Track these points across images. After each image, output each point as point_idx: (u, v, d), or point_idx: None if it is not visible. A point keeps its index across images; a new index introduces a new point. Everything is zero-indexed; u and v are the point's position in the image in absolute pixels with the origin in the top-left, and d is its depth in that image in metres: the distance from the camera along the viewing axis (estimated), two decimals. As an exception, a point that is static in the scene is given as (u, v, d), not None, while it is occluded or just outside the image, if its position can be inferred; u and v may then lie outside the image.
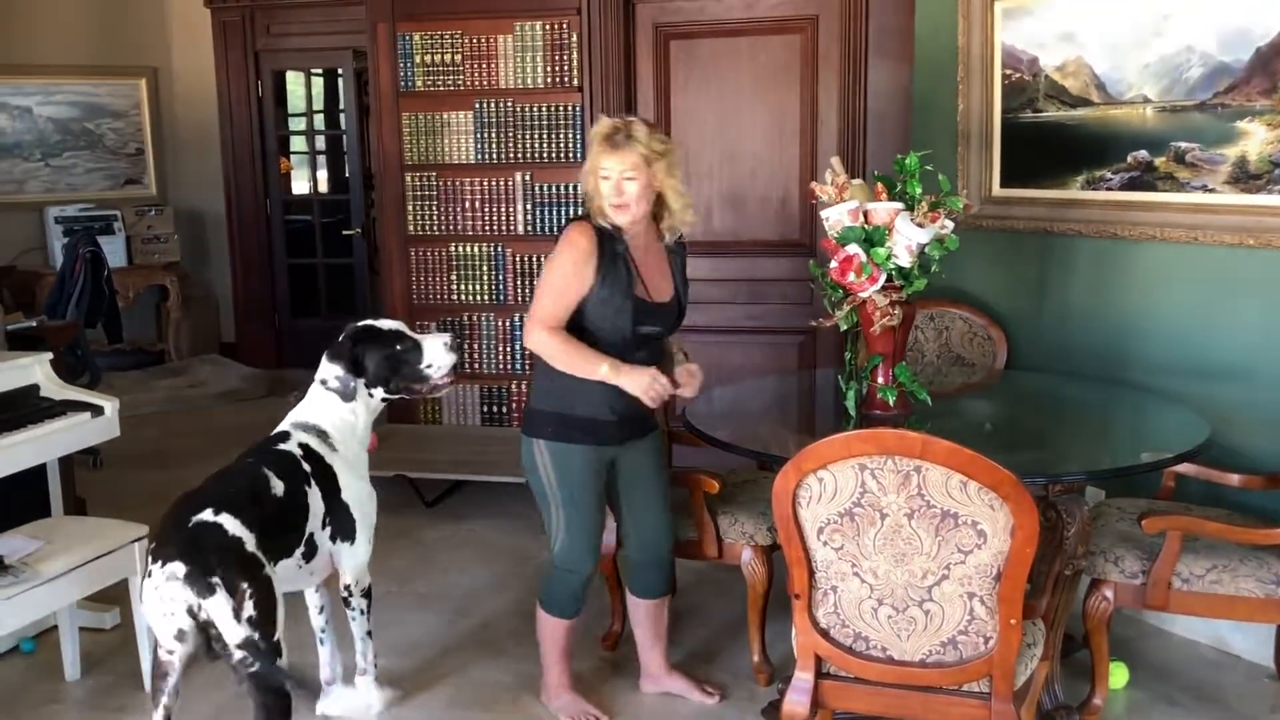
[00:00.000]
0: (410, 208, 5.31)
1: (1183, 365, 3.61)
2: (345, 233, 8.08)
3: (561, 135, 5.08)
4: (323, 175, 8.67)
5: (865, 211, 3.00)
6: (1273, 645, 3.21)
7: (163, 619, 2.50)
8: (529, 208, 5.19)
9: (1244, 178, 3.41)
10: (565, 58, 5.03)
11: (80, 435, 3.72)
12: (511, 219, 5.21)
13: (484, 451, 4.95)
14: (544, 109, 5.08)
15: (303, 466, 2.87)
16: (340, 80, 8.09)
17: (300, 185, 8.70)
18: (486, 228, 5.24)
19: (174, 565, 2.45)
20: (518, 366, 5.31)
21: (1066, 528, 2.82)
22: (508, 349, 5.31)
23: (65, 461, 3.94)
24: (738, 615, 3.66)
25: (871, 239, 2.96)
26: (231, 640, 2.44)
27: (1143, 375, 3.70)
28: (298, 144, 8.61)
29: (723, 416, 3.49)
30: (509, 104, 5.12)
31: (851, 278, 2.96)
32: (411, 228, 5.33)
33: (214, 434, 6.45)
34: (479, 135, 5.18)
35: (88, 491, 4.53)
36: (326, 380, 2.99)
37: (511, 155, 5.17)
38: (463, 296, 5.28)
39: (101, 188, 7.98)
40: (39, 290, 6.76)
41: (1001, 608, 2.32)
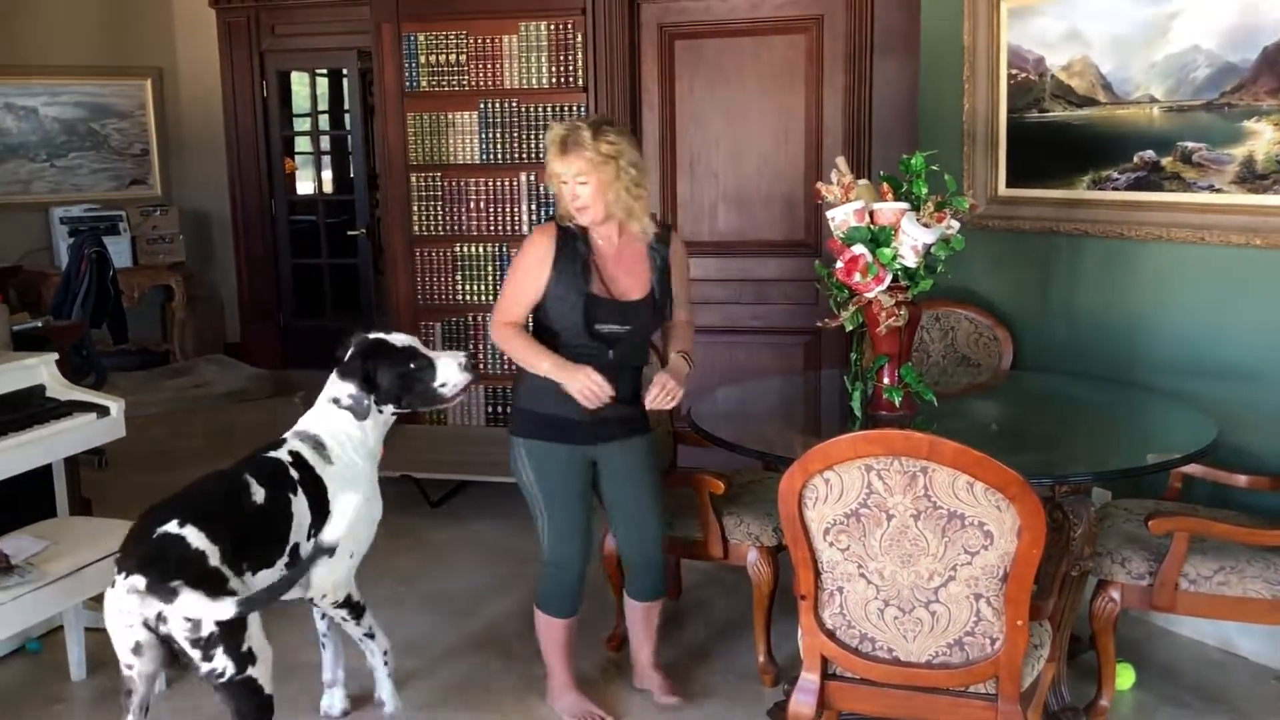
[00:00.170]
0: (415, 208, 5.31)
1: (1189, 365, 3.60)
2: (350, 233, 8.08)
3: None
4: (327, 176, 8.68)
5: (871, 212, 3.00)
6: (1280, 647, 3.21)
7: (121, 631, 2.45)
8: (534, 208, 5.19)
9: (1251, 178, 3.40)
10: (570, 58, 5.03)
11: (86, 436, 3.72)
12: (516, 219, 5.21)
13: (488, 452, 4.94)
14: (549, 109, 5.07)
15: (289, 474, 2.81)
16: (345, 80, 8.09)
17: (305, 186, 8.71)
18: (491, 228, 5.24)
19: (134, 578, 2.40)
20: (522, 367, 5.30)
21: (1073, 529, 2.81)
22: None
23: (71, 462, 3.95)
24: (743, 616, 3.65)
25: (877, 239, 2.96)
26: (195, 655, 2.41)
27: (1149, 375, 3.69)
28: (302, 144, 8.62)
29: (728, 417, 3.49)
30: (514, 104, 5.12)
31: (857, 278, 2.96)
32: (416, 228, 5.33)
33: (219, 434, 6.46)
34: (484, 135, 5.18)
35: (93, 492, 4.53)
36: (339, 399, 2.91)
37: (516, 156, 5.17)
38: (467, 297, 5.28)
39: (107, 188, 7.99)
40: (45, 290, 6.77)
41: (1008, 609, 2.32)
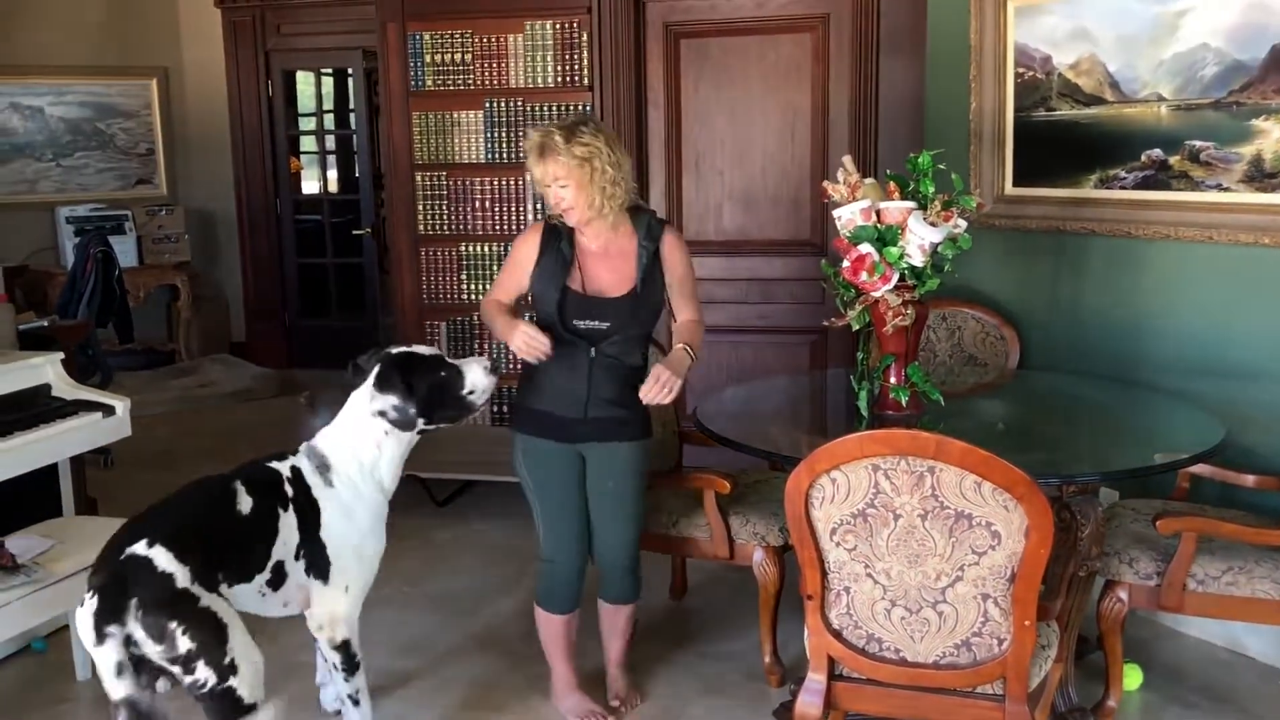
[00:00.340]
0: (420, 207, 5.31)
1: (1197, 365, 3.58)
2: (355, 232, 8.09)
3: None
4: (333, 175, 8.69)
5: (878, 210, 2.99)
6: (1288, 647, 3.20)
7: (97, 652, 2.37)
8: (539, 207, 5.18)
9: (1259, 176, 3.38)
10: (575, 57, 5.02)
11: (92, 435, 3.73)
12: (522, 218, 5.20)
13: (493, 452, 4.92)
14: (554, 108, 5.06)
15: (283, 488, 2.74)
16: (350, 80, 8.10)
17: (310, 185, 8.72)
18: (497, 227, 5.23)
19: (91, 602, 2.35)
20: (528, 366, 5.30)
21: (1080, 529, 2.80)
22: (518, 349, 5.31)
23: (77, 461, 3.95)
24: (749, 616, 3.64)
25: (884, 238, 2.95)
26: (176, 671, 2.37)
27: (1157, 375, 3.68)
28: (308, 144, 8.63)
29: (734, 416, 3.48)
30: (519, 103, 5.11)
31: (864, 277, 2.95)
32: (421, 227, 5.32)
33: (224, 433, 6.47)
34: (489, 135, 5.17)
35: (99, 491, 4.53)
36: (385, 412, 2.80)
37: (522, 155, 5.11)
38: (473, 296, 5.27)
39: (112, 188, 8.00)
40: (50, 290, 6.78)
41: (1016, 609, 2.31)
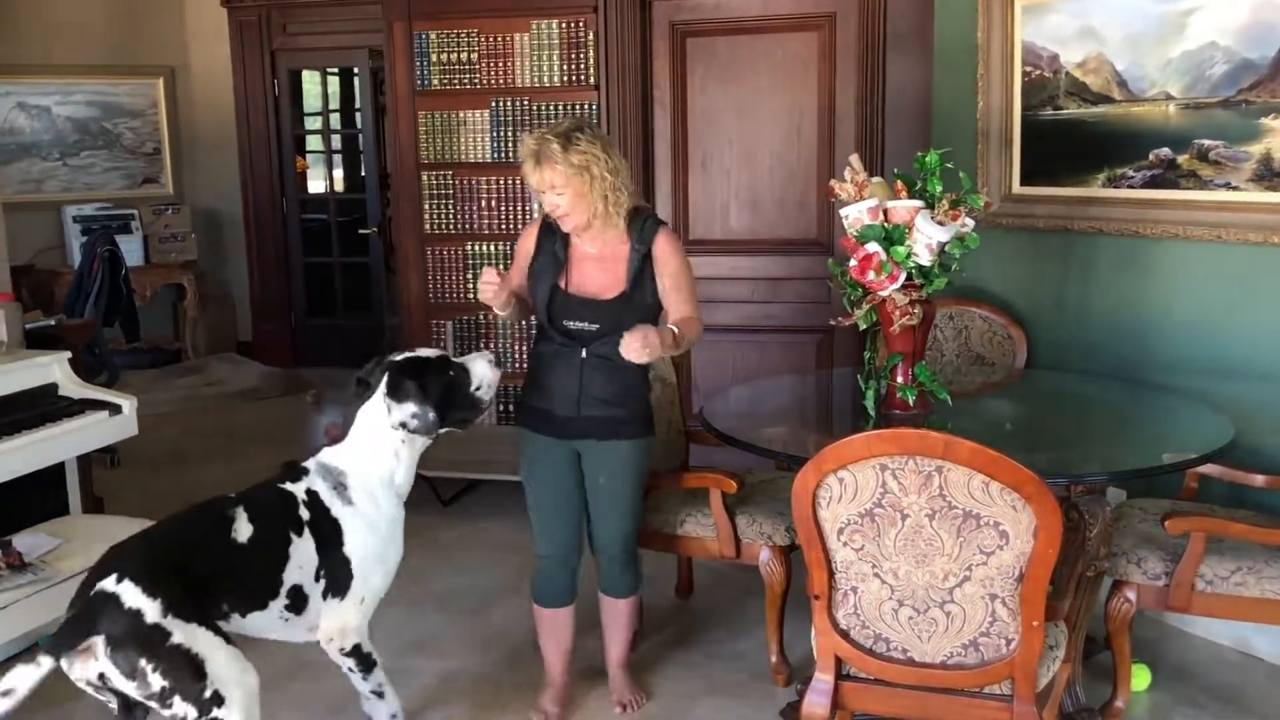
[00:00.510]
0: (426, 206, 5.30)
1: (1206, 365, 3.57)
2: (361, 231, 8.09)
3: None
4: (339, 174, 8.68)
5: (885, 209, 2.99)
6: (1297, 648, 3.18)
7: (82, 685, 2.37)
8: (540, 205, 5.17)
9: (1268, 175, 3.37)
10: (582, 56, 5.02)
11: (98, 434, 3.73)
12: (527, 217, 5.19)
13: (499, 451, 4.93)
14: (561, 107, 5.06)
15: (297, 513, 2.70)
16: (356, 79, 8.10)
17: (316, 184, 8.72)
18: (503, 226, 5.22)
19: (56, 632, 2.34)
20: (534, 365, 5.29)
21: (1088, 528, 2.79)
22: (523, 348, 5.30)
23: (83, 460, 3.96)
24: (755, 615, 3.64)
25: (891, 237, 2.95)
26: (156, 707, 2.36)
27: (1165, 375, 3.67)
28: (314, 143, 8.63)
29: (740, 416, 3.48)
30: (525, 102, 5.11)
31: (871, 276, 2.94)
32: (428, 226, 5.32)
33: (231, 432, 6.47)
34: (495, 134, 5.17)
35: (105, 490, 4.54)
36: (406, 422, 2.79)
37: (528, 154, 5.15)
38: (479, 295, 5.26)
39: (119, 187, 8.01)
40: (57, 289, 6.79)
41: (1024, 609, 2.30)
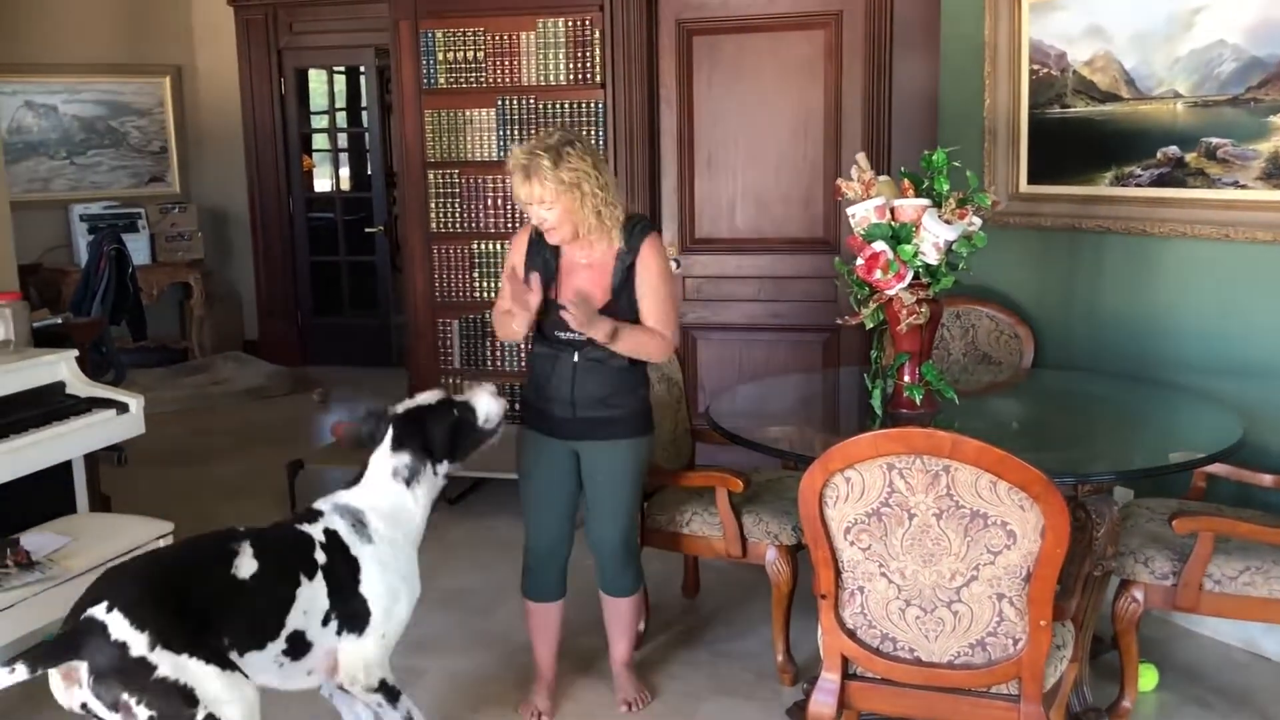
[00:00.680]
0: (432, 205, 5.31)
1: (1214, 364, 3.56)
2: (368, 230, 8.10)
3: (584, 132, 5.06)
4: (345, 173, 8.70)
5: (892, 208, 2.98)
6: (1306, 648, 3.17)
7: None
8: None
9: (1277, 173, 3.36)
10: (588, 54, 5.02)
11: (105, 432, 3.73)
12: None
13: (505, 449, 4.92)
14: (566, 106, 5.06)
15: (312, 555, 2.66)
16: (362, 78, 8.11)
17: (323, 183, 8.74)
18: (509, 225, 5.22)
19: (43, 644, 2.32)
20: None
21: (1096, 528, 2.79)
22: (529, 347, 5.31)
23: (90, 458, 3.96)
24: (762, 614, 3.64)
25: (898, 236, 2.94)
26: None
27: (1172, 374, 3.66)
28: (320, 142, 8.64)
29: (747, 415, 3.47)
30: (531, 101, 5.11)
31: (878, 275, 2.94)
32: (434, 225, 5.32)
33: (237, 431, 6.48)
34: (501, 132, 5.17)
35: (112, 488, 4.54)
36: (398, 470, 2.79)
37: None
38: (485, 294, 5.27)
39: (126, 185, 8.03)
40: (64, 287, 6.81)
41: (1031, 609, 2.30)
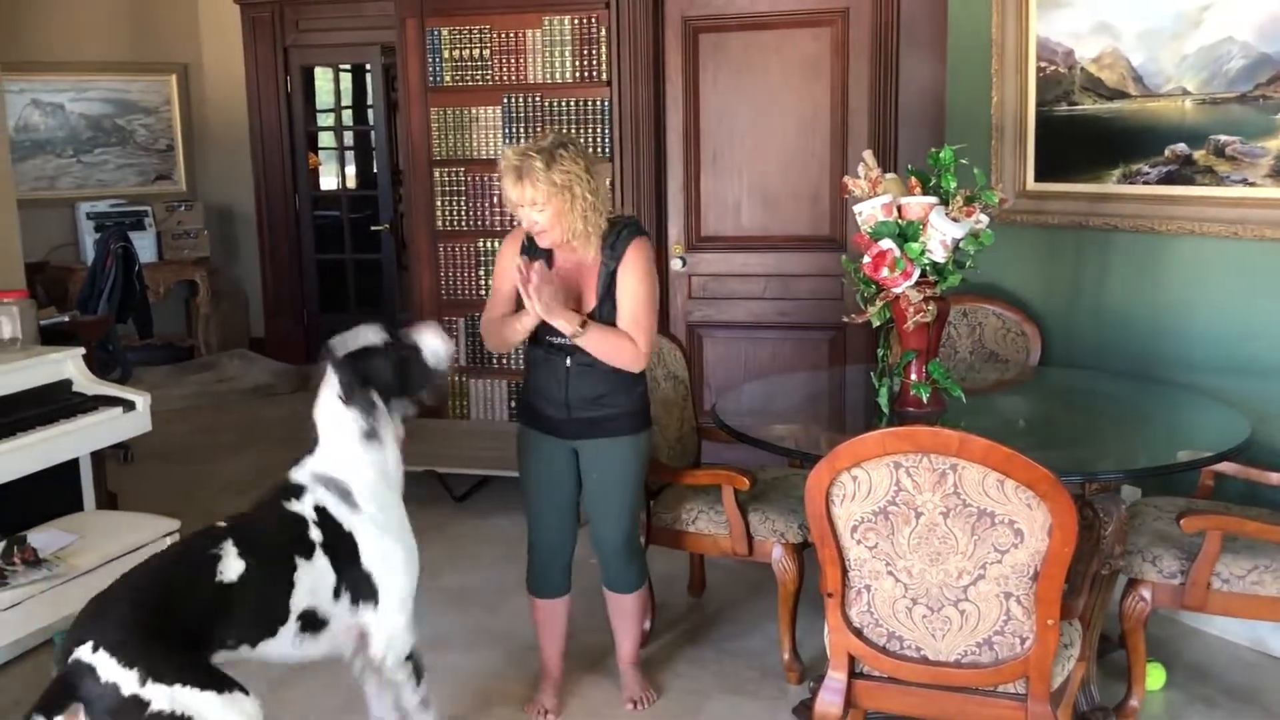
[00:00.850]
0: (438, 203, 5.31)
1: (1222, 362, 3.55)
2: (374, 228, 8.09)
3: (590, 129, 5.06)
4: (351, 171, 8.69)
5: (899, 206, 2.97)
6: (1314, 647, 3.16)
7: None
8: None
9: (1286, 171, 3.35)
10: (593, 52, 5.01)
11: (112, 430, 3.75)
12: (540, 214, 5.20)
13: (510, 447, 4.92)
14: (572, 103, 5.06)
15: (307, 534, 2.59)
16: (368, 76, 8.11)
17: (329, 181, 8.73)
18: (514, 223, 5.20)
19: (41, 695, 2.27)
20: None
21: (1103, 527, 2.77)
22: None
23: (97, 456, 3.98)
24: (768, 613, 3.63)
25: (905, 234, 2.93)
26: None
27: (1180, 372, 3.65)
28: (326, 140, 8.64)
29: (753, 413, 3.47)
30: (537, 98, 5.11)
31: (885, 273, 2.93)
32: (440, 223, 5.32)
33: (243, 429, 6.49)
34: (507, 130, 5.17)
35: (119, 486, 4.56)
36: (360, 427, 2.69)
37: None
38: (490, 292, 5.26)
39: (132, 183, 8.04)
40: (71, 285, 6.82)
41: (1039, 608, 2.29)
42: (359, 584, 2.66)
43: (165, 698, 2.28)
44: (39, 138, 7.69)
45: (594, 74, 5.03)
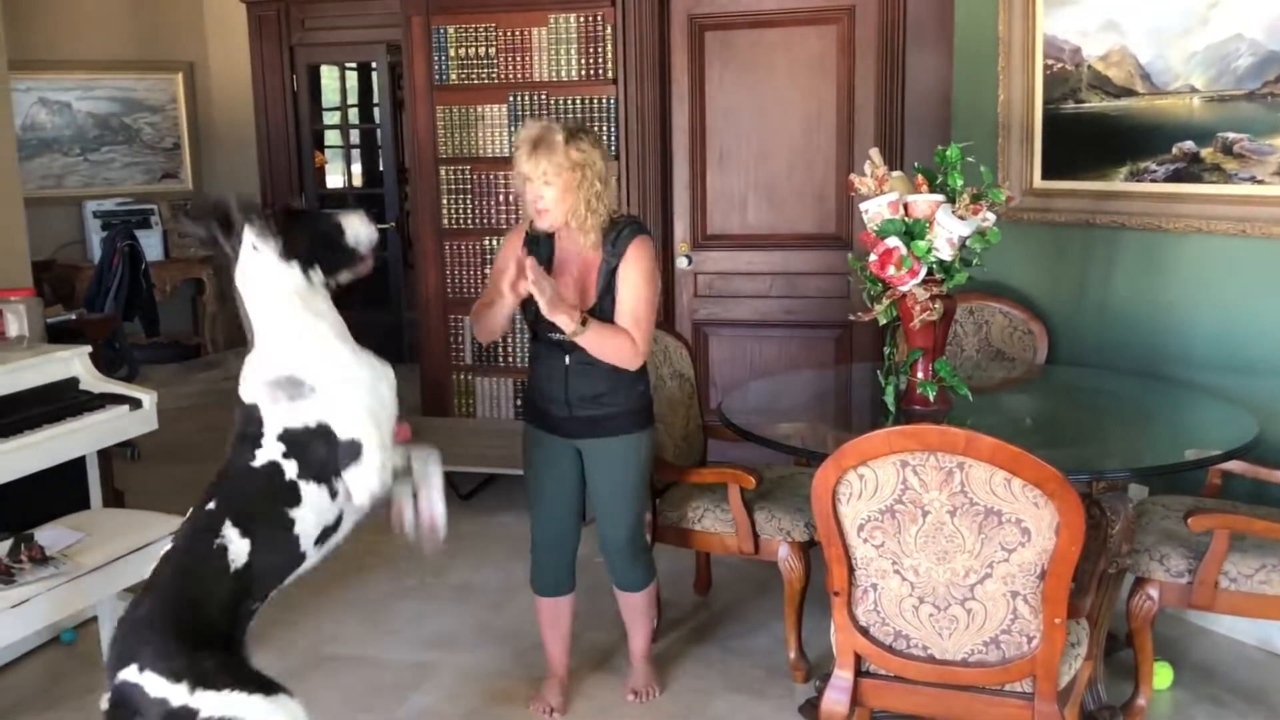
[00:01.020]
0: (444, 201, 5.31)
1: (1229, 360, 3.54)
2: (380, 226, 8.08)
3: (595, 127, 5.05)
4: (357, 169, 8.70)
5: (905, 204, 2.97)
6: (1322, 646, 3.15)
7: None
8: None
9: (1294, 169, 3.34)
10: (599, 50, 5.01)
11: (119, 428, 3.75)
12: (545, 212, 5.19)
13: (518, 445, 4.92)
14: (578, 101, 5.05)
15: (285, 480, 2.49)
16: (374, 74, 8.11)
17: (335, 179, 8.73)
18: (519, 218, 5.22)
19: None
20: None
21: (1110, 525, 2.77)
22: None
23: (104, 454, 3.98)
24: (774, 611, 3.63)
25: (912, 232, 2.93)
26: None
27: (1188, 370, 3.64)
28: (332, 138, 8.64)
29: (759, 411, 3.47)
30: (543, 97, 5.10)
31: (891, 271, 2.92)
32: (446, 221, 5.32)
33: (250, 427, 6.48)
34: (513, 128, 5.15)
35: (126, 484, 4.56)
36: (300, 284, 2.51)
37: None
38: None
39: (139, 182, 8.04)
40: (78, 284, 6.83)
41: (1046, 607, 2.29)
42: (346, 456, 2.51)
43: (214, 704, 2.29)
44: (46, 136, 7.71)
45: (600, 72, 5.02)
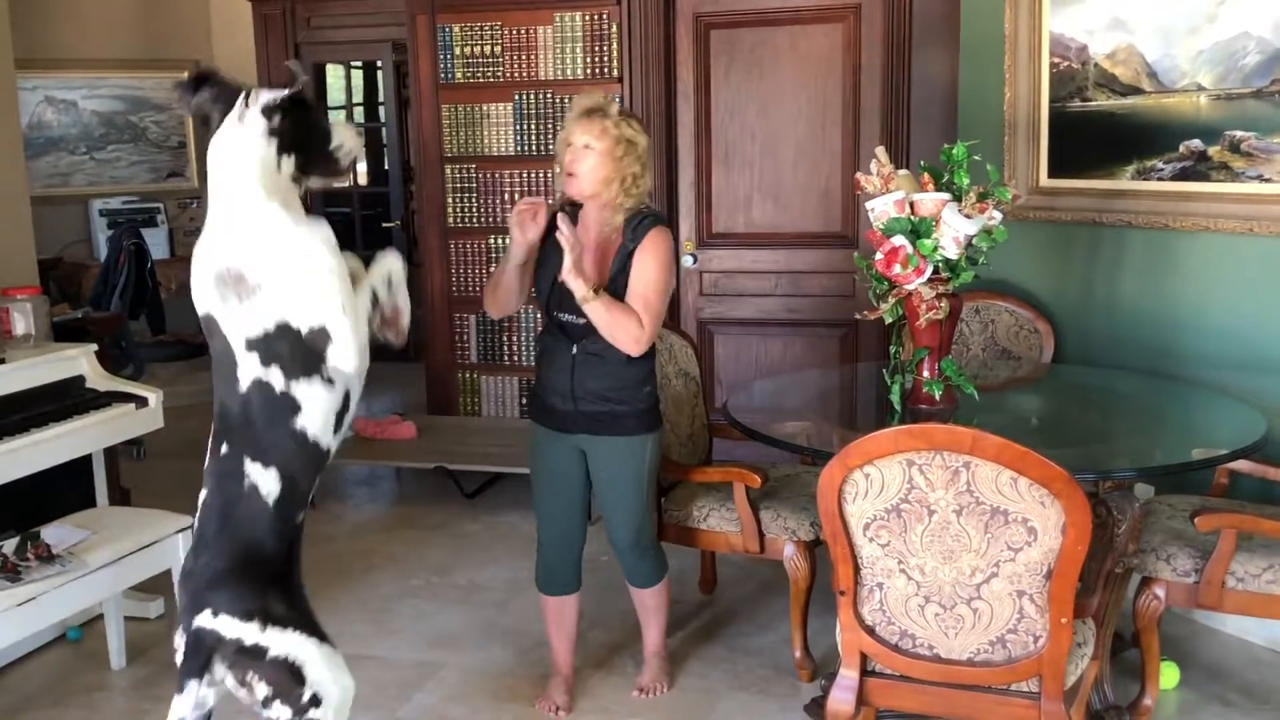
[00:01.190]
0: (450, 200, 5.31)
1: (1237, 359, 3.53)
2: (385, 225, 8.10)
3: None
4: (362, 168, 8.70)
5: (911, 202, 2.96)
6: (1329, 646, 3.14)
7: (176, 697, 2.36)
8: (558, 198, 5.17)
9: (1302, 167, 3.33)
10: (605, 48, 5.01)
11: (125, 426, 3.76)
12: (551, 211, 5.19)
13: (523, 444, 4.92)
14: (584, 100, 5.05)
15: (277, 392, 2.39)
16: (380, 73, 8.11)
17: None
18: (526, 219, 5.22)
19: (180, 660, 2.36)
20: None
21: (1117, 525, 2.76)
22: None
23: (110, 452, 3.98)
24: (779, 610, 3.63)
25: (918, 230, 2.92)
26: (259, 710, 2.37)
27: (1194, 369, 3.63)
28: (337, 136, 8.65)
29: (764, 410, 3.46)
30: (549, 95, 5.10)
31: (897, 270, 2.92)
32: (451, 220, 5.33)
33: (255, 425, 6.49)
34: (519, 127, 5.17)
35: (132, 482, 4.57)
36: (285, 175, 2.52)
37: (551, 147, 5.13)
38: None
39: (144, 180, 8.06)
40: (84, 282, 6.84)
41: (1052, 606, 2.28)
42: (319, 342, 2.43)
43: (281, 644, 2.36)
44: (52, 135, 7.72)
45: (605, 70, 5.02)
